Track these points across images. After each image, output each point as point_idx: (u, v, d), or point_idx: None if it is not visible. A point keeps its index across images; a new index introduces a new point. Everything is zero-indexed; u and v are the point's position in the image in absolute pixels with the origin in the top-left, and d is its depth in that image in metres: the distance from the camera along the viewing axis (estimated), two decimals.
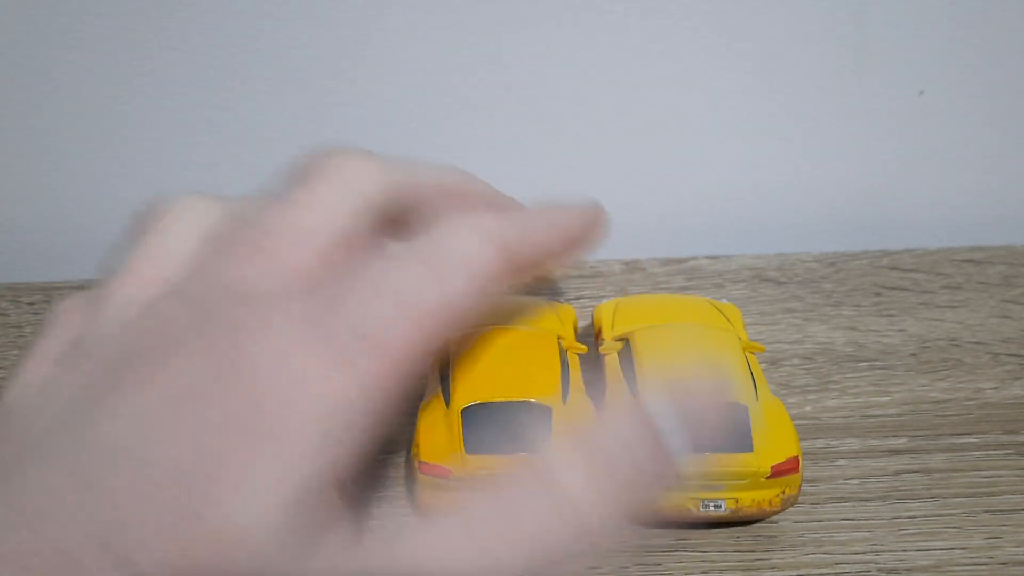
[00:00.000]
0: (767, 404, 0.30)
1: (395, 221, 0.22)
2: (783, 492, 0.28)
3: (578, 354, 0.32)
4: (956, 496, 0.31)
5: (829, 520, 0.31)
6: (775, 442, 0.28)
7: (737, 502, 0.28)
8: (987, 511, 0.31)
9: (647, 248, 0.46)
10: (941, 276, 0.43)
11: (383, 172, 0.21)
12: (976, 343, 0.38)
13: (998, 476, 0.32)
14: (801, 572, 0.29)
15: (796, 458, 0.28)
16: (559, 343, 0.31)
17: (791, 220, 0.48)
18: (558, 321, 0.32)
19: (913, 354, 0.38)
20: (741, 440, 0.28)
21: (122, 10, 0.41)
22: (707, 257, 0.44)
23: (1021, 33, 0.44)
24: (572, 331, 0.33)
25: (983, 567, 0.29)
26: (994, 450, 0.33)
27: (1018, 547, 0.29)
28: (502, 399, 0.28)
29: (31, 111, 0.44)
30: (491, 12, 0.42)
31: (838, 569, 0.29)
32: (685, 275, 0.43)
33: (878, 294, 0.42)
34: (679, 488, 0.26)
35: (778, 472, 0.28)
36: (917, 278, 0.43)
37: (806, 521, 0.31)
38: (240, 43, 0.42)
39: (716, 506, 0.28)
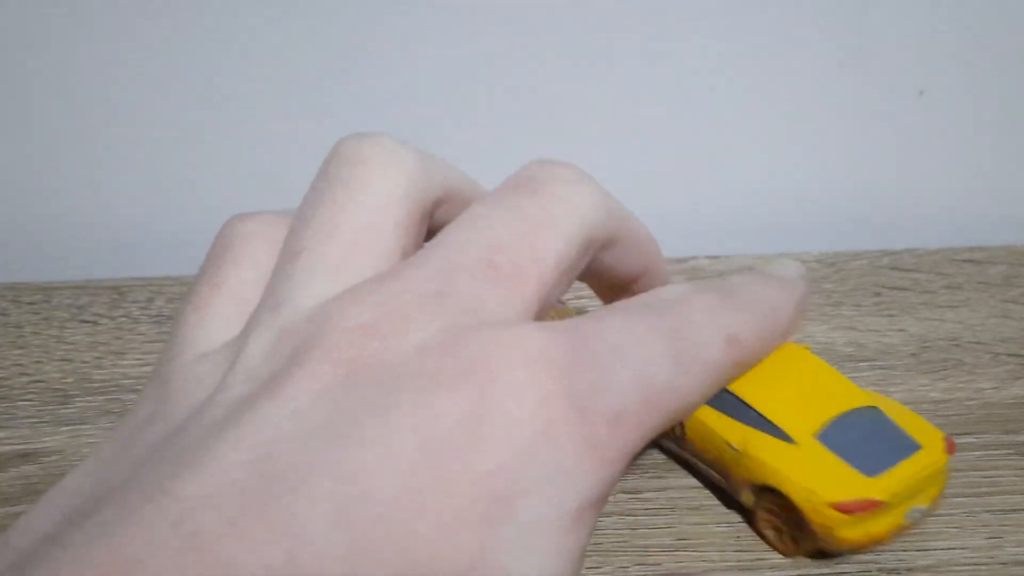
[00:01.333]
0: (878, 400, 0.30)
1: None
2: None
3: None
4: (956, 496, 0.31)
5: None
6: (925, 433, 0.29)
7: (931, 500, 0.29)
8: (987, 511, 0.31)
9: None
10: (941, 276, 0.43)
11: (604, 199, 0.19)
12: (976, 343, 0.38)
13: (998, 476, 0.32)
14: (801, 572, 0.29)
15: (950, 438, 0.29)
16: (807, 351, 0.31)
17: (791, 220, 0.48)
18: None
19: (913, 354, 0.38)
20: (904, 441, 0.28)
21: (122, 10, 0.41)
22: (707, 257, 0.44)
23: (1021, 33, 0.44)
24: None
25: (983, 567, 0.29)
26: (994, 450, 0.33)
27: (1018, 547, 0.29)
28: None
29: (31, 111, 0.44)
30: (491, 12, 0.42)
31: (838, 569, 0.29)
32: (685, 275, 0.43)
33: (878, 294, 0.42)
34: (889, 509, 0.27)
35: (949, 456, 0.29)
36: (917, 278, 0.43)
37: None
38: (241, 43, 0.42)
39: (920, 511, 0.28)
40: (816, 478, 0.27)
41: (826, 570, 0.29)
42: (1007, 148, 0.47)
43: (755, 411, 0.29)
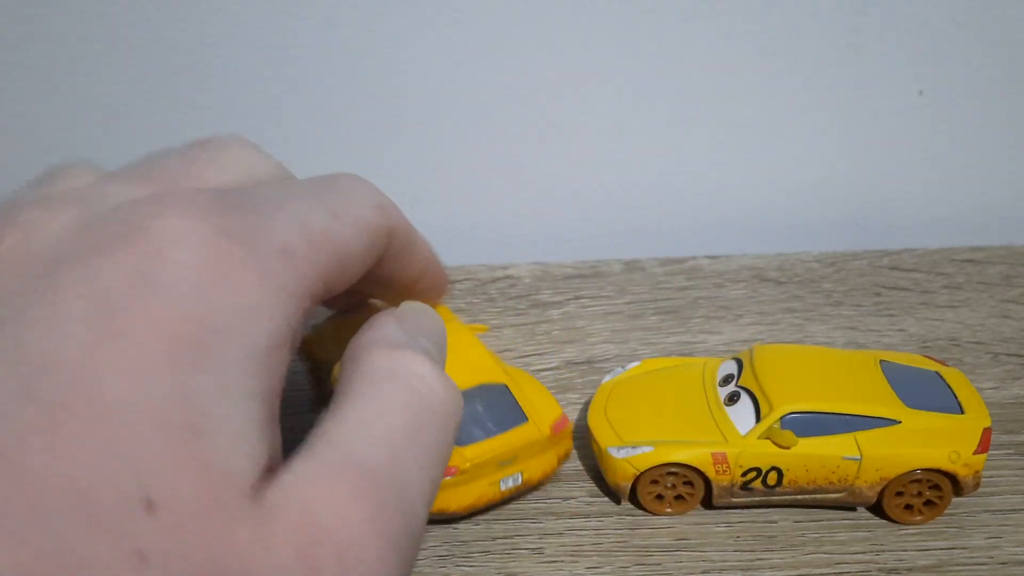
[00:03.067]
0: (518, 377, 0.32)
1: None
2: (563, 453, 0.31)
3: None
4: (956, 495, 0.31)
5: (829, 520, 0.31)
6: (541, 408, 0.31)
7: (532, 472, 0.31)
8: (987, 511, 0.31)
9: (647, 248, 0.46)
10: (941, 276, 0.43)
11: (270, 159, 0.22)
12: (976, 343, 0.38)
13: (998, 476, 0.32)
14: (801, 572, 0.29)
15: (565, 417, 0.31)
16: (473, 335, 0.33)
17: (791, 220, 0.48)
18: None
19: None
20: (512, 415, 0.30)
21: (123, 10, 0.41)
22: (707, 257, 0.44)
23: (1021, 33, 0.44)
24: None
25: (983, 567, 0.29)
26: (994, 450, 0.33)
27: (1018, 547, 0.29)
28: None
29: (30, 111, 0.44)
30: (491, 12, 0.42)
31: (838, 569, 0.29)
32: (685, 275, 0.43)
33: (878, 294, 0.42)
34: (477, 477, 0.29)
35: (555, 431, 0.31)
36: (917, 278, 0.43)
37: (806, 521, 0.31)
38: (240, 43, 0.42)
39: (514, 480, 0.30)
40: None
41: (826, 570, 0.29)
42: (1007, 148, 0.47)
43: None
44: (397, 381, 0.18)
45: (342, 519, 0.15)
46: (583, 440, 0.33)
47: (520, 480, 0.30)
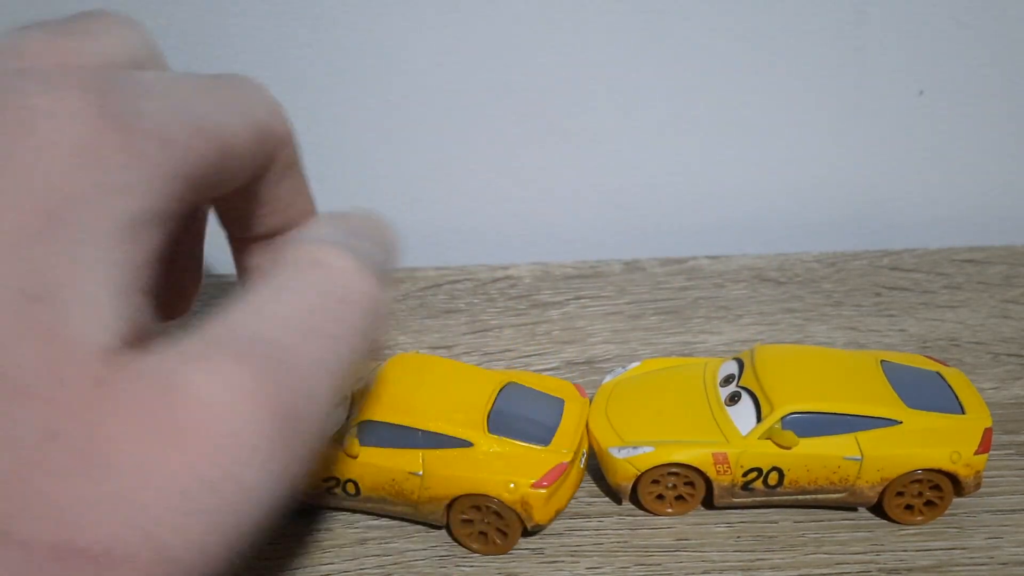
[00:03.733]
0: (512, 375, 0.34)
1: None
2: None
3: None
4: (957, 496, 0.31)
5: (829, 520, 0.31)
6: (561, 389, 0.33)
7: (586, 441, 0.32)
8: (987, 511, 0.31)
9: (647, 248, 0.46)
10: (941, 276, 0.43)
11: (146, 34, 0.21)
12: (976, 343, 0.38)
13: (998, 476, 0.32)
14: (802, 572, 0.29)
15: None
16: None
17: (791, 220, 0.48)
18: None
19: None
20: (550, 402, 0.32)
21: (121, 10, 0.41)
22: (707, 257, 0.44)
23: (1021, 33, 0.43)
24: None
25: (983, 567, 0.29)
26: (994, 450, 0.33)
27: (1018, 547, 0.29)
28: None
29: None
30: (491, 11, 0.42)
31: (839, 569, 0.29)
32: (685, 275, 0.43)
33: (878, 294, 0.42)
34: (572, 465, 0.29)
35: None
36: (917, 278, 0.43)
37: (806, 521, 0.31)
38: (240, 43, 0.42)
39: (586, 454, 0.31)
40: (508, 468, 0.29)
41: (827, 570, 0.29)
42: (1007, 148, 0.47)
43: (422, 431, 0.30)
44: (309, 271, 0.17)
45: (217, 389, 0.14)
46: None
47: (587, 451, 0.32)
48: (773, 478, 0.30)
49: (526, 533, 0.30)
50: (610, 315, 0.41)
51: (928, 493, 0.30)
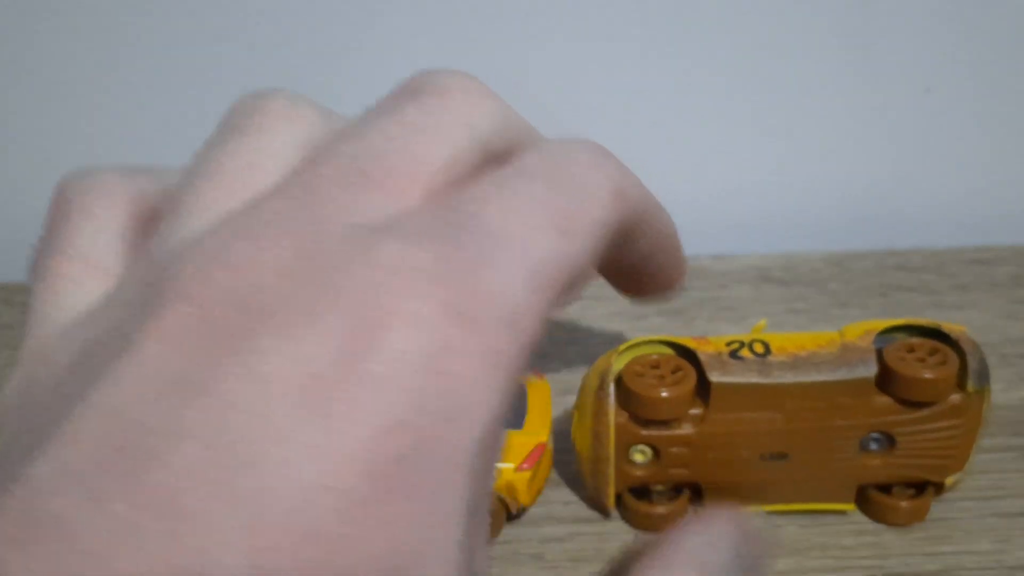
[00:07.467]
0: None
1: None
2: None
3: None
4: (963, 499, 0.31)
5: (834, 525, 0.30)
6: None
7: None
8: (994, 515, 0.30)
9: None
10: (949, 276, 0.42)
11: (499, 106, 0.17)
12: (984, 344, 0.38)
13: (1006, 479, 0.32)
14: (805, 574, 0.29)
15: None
16: None
17: (796, 219, 0.47)
18: None
19: None
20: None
21: (122, 10, 0.41)
22: (711, 257, 0.44)
23: None
24: None
25: (991, 571, 0.28)
26: (1002, 452, 0.32)
27: None
28: None
29: (29, 111, 0.44)
30: (489, 11, 0.42)
31: (844, 575, 0.29)
32: (688, 275, 0.43)
33: (885, 294, 0.41)
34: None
35: None
36: (925, 278, 0.42)
37: (811, 526, 0.30)
38: (239, 43, 0.42)
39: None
40: None
41: (830, 574, 0.29)
42: (1015, 146, 0.46)
43: None
44: None
45: None
46: None
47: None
48: (759, 347, 0.29)
49: (511, 518, 0.30)
50: (612, 316, 0.40)
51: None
